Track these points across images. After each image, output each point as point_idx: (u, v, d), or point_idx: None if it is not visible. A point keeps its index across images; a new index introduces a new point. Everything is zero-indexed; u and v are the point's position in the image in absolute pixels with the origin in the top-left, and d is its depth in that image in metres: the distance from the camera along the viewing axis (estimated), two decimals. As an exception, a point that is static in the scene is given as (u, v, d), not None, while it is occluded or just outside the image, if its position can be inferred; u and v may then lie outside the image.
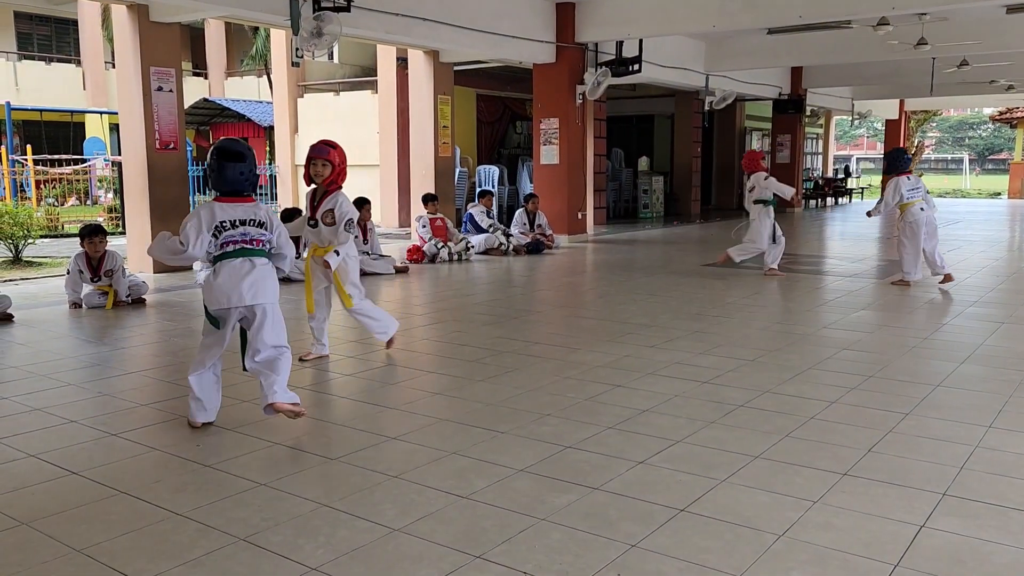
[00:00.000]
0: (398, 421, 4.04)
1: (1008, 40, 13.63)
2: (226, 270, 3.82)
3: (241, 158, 3.86)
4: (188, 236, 3.79)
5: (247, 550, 2.68)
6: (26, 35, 25.79)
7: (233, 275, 3.81)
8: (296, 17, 8.37)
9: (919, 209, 8.04)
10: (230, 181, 3.86)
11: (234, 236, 3.85)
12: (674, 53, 14.94)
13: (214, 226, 3.81)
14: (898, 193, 8.06)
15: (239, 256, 3.85)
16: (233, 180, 3.86)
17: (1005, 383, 4.63)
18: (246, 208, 3.90)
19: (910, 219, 8.09)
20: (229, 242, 3.84)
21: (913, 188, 8.08)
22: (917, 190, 8.09)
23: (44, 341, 5.88)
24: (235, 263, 3.84)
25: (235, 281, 3.79)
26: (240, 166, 3.85)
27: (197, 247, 3.80)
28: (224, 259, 3.84)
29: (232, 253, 3.84)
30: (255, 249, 3.89)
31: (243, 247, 3.86)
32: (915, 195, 8.05)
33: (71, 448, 3.64)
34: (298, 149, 18.04)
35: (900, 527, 2.82)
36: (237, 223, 3.85)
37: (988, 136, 57.54)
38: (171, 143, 9.32)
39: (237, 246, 3.84)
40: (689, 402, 4.29)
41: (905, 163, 8.26)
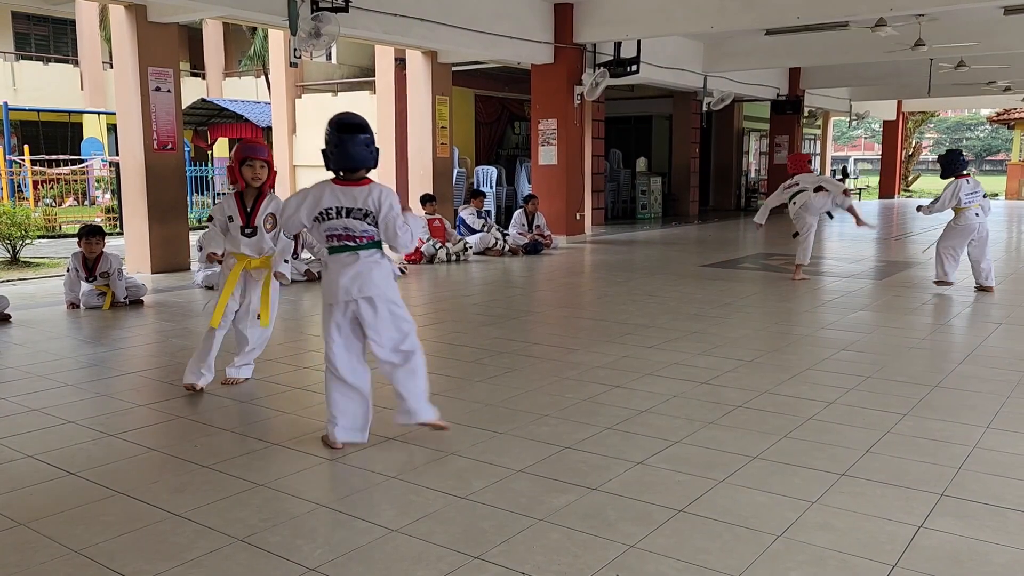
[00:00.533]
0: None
1: (1005, 41, 13.65)
2: (334, 263, 3.57)
3: (363, 129, 3.52)
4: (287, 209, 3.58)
5: (245, 550, 2.67)
6: (24, 35, 25.76)
7: (340, 270, 3.54)
8: (294, 17, 8.37)
9: (974, 215, 7.78)
10: (357, 158, 3.49)
11: (336, 229, 3.53)
12: (672, 54, 14.95)
13: (318, 212, 3.51)
14: (956, 197, 7.77)
15: (343, 251, 3.56)
16: (359, 156, 3.49)
17: (1003, 383, 4.64)
18: (355, 192, 3.52)
19: (962, 223, 7.82)
20: (332, 235, 3.55)
21: (972, 192, 7.78)
22: (976, 194, 7.79)
23: (42, 342, 5.87)
24: (342, 258, 3.56)
25: (347, 276, 3.52)
26: (363, 137, 3.50)
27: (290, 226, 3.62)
28: (331, 252, 3.58)
29: (337, 248, 3.57)
30: (357, 245, 3.56)
31: (345, 243, 3.55)
32: (973, 199, 7.78)
33: (69, 449, 3.64)
34: (296, 150, 18.04)
35: (898, 527, 2.82)
36: (343, 212, 3.50)
37: (986, 137, 57.64)
38: (169, 143, 9.31)
39: (340, 242, 3.55)
40: (688, 403, 4.29)
41: (962, 165, 7.91)
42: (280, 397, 4.45)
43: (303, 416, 4.11)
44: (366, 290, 3.52)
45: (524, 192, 15.01)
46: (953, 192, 7.78)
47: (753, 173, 22.67)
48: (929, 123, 39.27)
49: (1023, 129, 28.72)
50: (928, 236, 13.98)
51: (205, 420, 4.05)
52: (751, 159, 22.66)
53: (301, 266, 8.79)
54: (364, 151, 3.49)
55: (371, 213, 3.52)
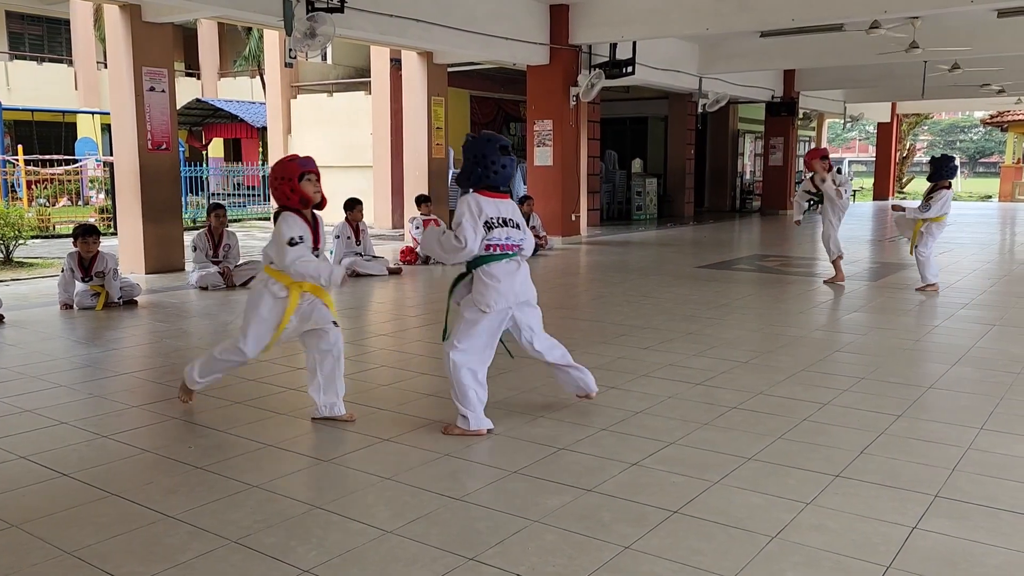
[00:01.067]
0: (391, 423, 4.03)
1: (999, 44, 13.69)
2: (500, 271, 3.76)
3: (509, 152, 3.82)
4: (466, 234, 3.69)
5: (239, 552, 2.67)
6: (18, 35, 25.70)
7: (507, 277, 3.77)
8: (289, 18, 8.35)
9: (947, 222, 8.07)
10: (505, 178, 3.81)
11: (500, 240, 3.77)
12: (667, 55, 14.97)
13: (483, 222, 3.73)
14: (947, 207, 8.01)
15: (502, 259, 3.78)
16: (508, 177, 3.82)
17: (996, 385, 4.65)
18: (506, 205, 3.83)
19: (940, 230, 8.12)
20: (495, 245, 3.76)
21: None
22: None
23: (35, 342, 5.85)
24: (504, 265, 3.78)
25: (516, 282, 3.80)
26: (510, 160, 3.81)
27: (476, 243, 3.72)
28: (491, 261, 3.76)
29: (497, 256, 3.76)
30: (515, 253, 3.83)
31: (505, 252, 3.79)
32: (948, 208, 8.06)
33: (62, 450, 3.62)
34: (291, 150, 18.01)
35: (892, 528, 2.82)
36: (500, 222, 3.77)
37: (979, 139, 57.83)
38: (163, 143, 9.29)
39: (502, 250, 3.77)
40: (682, 404, 4.29)
41: (952, 171, 8.06)
42: (274, 399, 4.44)
43: (297, 417, 4.10)
44: (529, 294, 3.90)
45: (520, 193, 15.01)
46: (945, 203, 8.01)
47: (748, 175, 22.71)
48: (923, 125, 39.36)
49: (1016, 132, 28.85)
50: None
51: (199, 421, 4.03)
52: (746, 161, 22.70)
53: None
54: (511, 173, 3.86)
55: (519, 224, 3.86)
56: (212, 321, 6.76)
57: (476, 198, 3.78)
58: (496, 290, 3.75)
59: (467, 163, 3.85)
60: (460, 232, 3.71)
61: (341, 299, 7.91)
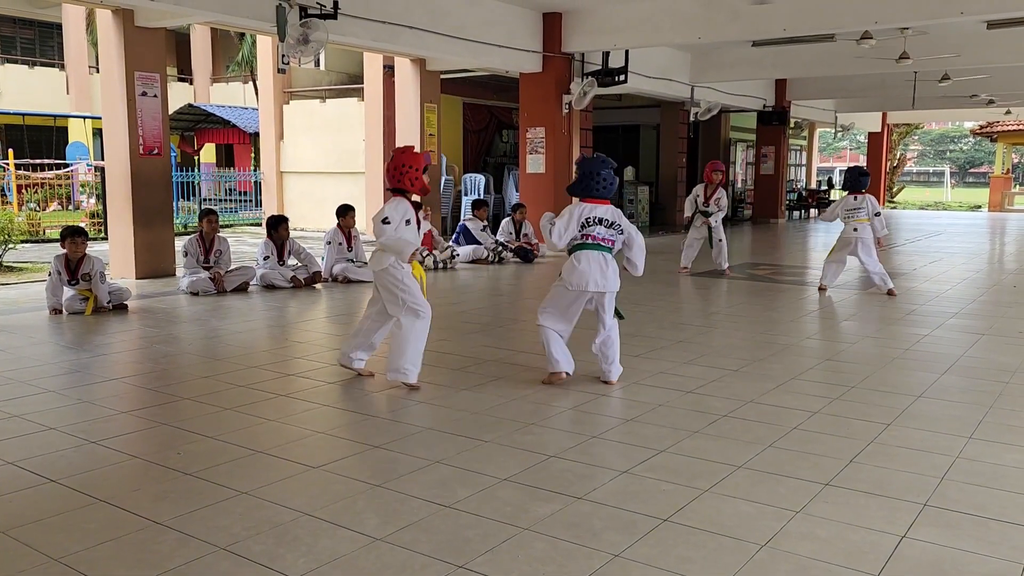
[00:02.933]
0: (381, 429, 4.02)
1: (989, 55, 13.80)
2: (586, 258, 4.66)
3: (616, 171, 4.78)
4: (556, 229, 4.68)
5: (228, 559, 2.65)
6: (9, 38, 25.61)
7: (593, 264, 4.65)
8: (283, 23, 8.35)
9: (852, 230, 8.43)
10: (610, 190, 4.74)
11: (595, 233, 4.68)
12: (660, 64, 15.02)
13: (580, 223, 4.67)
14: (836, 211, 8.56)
15: (596, 249, 4.68)
16: (612, 190, 4.75)
17: (985, 394, 4.67)
18: (606, 209, 4.74)
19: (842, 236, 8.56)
20: (590, 236, 4.68)
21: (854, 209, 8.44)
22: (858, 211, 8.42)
23: (24, 347, 5.82)
24: (593, 254, 4.67)
25: (595, 270, 4.64)
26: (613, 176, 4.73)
27: (562, 241, 4.69)
28: (584, 248, 4.67)
29: (591, 246, 4.67)
30: (608, 247, 4.71)
31: (599, 244, 4.68)
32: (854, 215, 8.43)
33: (50, 455, 3.60)
34: (284, 156, 17.98)
35: (881, 537, 2.83)
36: (597, 221, 4.68)
37: (969, 149, 58.20)
38: (155, 148, 9.26)
39: (594, 240, 4.67)
40: (673, 412, 4.29)
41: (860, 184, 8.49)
42: (264, 404, 4.42)
43: (287, 423, 4.09)
44: (610, 286, 4.71)
45: (512, 200, 15.02)
46: (837, 205, 8.62)
47: (740, 183, 22.78)
48: (914, 135, 39.61)
49: (1006, 142, 29.05)
50: (914, 247, 14.09)
51: (188, 427, 4.01)
52: (738, 169, 22.78)
53: (287, 273, 8.76)
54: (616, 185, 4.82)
55: (618, 225, 4.75)
56: (202, 326, 6.74)
57: (581, 205, 4.73)
58: (578, 271, 4.65)
59: (581, 176, 4.74)
60: (554, 228, 4.69)
61: (331, 306, 7.90)
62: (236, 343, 6.10)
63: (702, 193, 9.96)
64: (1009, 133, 28.15)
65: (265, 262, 8.77)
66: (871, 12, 10.49)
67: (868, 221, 8.38)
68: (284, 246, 8.87)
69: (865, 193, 8.47)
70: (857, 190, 8.45)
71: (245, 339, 6.27)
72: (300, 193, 17.80)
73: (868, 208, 8.42)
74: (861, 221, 8.38)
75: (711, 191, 9.91)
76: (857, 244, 8.40)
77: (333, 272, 9.17)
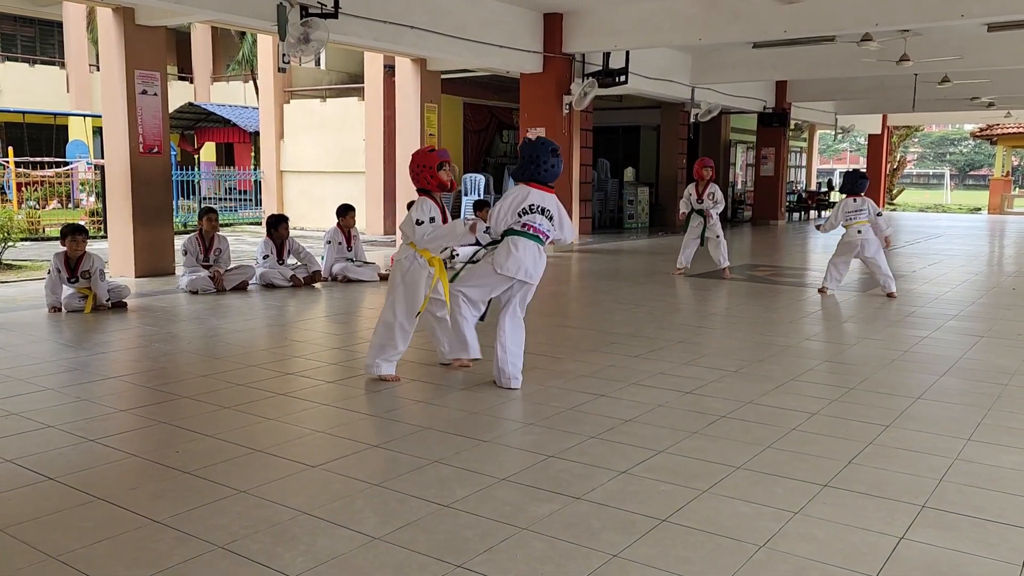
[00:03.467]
0: (380, 429, 4.02)
1: (989, 57, 13.80)
2: (523, 246, 4.63)
3: (559, 155, 4.70)
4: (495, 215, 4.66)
5: (226, 558, 2.65)
6: (10, 36, 25.60)
7: (528, 253, 4.63)
8: (283, 22, 8.35)
9: (856, 232, 8.39)
10: (554, 175, 4.67)
11: (535, 223, 4.64)
12: (660, 65, 15.03)
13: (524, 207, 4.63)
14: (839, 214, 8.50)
15: (533, 240, 4.65)
16: (556, 175, 4.68)
17: (984, 396, 4.67)
18: (549, 199, 4.70)
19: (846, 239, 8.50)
20: (530, 226, 4.64)
21: (855, 211, 8.41)
22: (859, 213, 8.40)
23: (22, 345, 5.82)
24: (530, 244, 4.64)
25: (529, 259, 4.63)
26: (559, 161, 4.68)
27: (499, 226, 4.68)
28: (520, 236, 4.63)
29: (529, 235, 4.63)
30: (541, 239, 4.68)
31: (535, 234, 4.65)
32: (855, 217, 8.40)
33: (48, 453, 3.60)
34: (284, 155, 17.98)
35: (880, 538, 2.83)
36: (540, 210, 4.65)
37: (969, 152, 58.24)
38: (155, 147, 9.26)
39: (533, 231, 4.64)
40: (672, 412, 4.29)
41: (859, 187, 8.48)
42: (262, 403, 4.42)
43: (285, 422, 4.09)
44: (536, 276, 4.69)
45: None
46: (836, 211, 8.58)
47: (740, 185, 22.79)
48: (914, 137, 39.62)
49: (1006, 145, 29.07)
50: (913, 249, 14.10)
51: (186, 426, 4.01)
52: (738, 171, 22.79)
53: (287, 272, 8.76)
54: (559, 172, 4.73)
55: (553, 216, 4.70)
56: (202, 325, 6.73)
57: (524, 190, 4.68)
58: (514, 257, 4.62)
59: (524, 160, 4.69)
60: (491, 212, 4.71)
61: (330, 305, 7.90)
62: (235, 342, 6.10)
63: (694, 191, 9.92)
64: (1009, 136, 28.16)
65: (265, 261, 8.77)
66: (871, 14, 10.49)
67: (870, 223, 8.39)
68: (284, 245, 8.87)
69: (864, 196, 8.49)
70: (856, 193, 8.47)
71: (244, 338, 6.27)
72: (300, 192, 17.80)
73: (869, 209, 8.43)
74: (863, 223, 8.37)
75: (702, 187, 9.89)
76: (863, 246, 8.36)
77: (333, 271, 9.16)
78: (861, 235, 8.36)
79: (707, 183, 9.88)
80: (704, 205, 9.84)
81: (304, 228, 16.34)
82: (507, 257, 4.63)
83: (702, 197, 9.86)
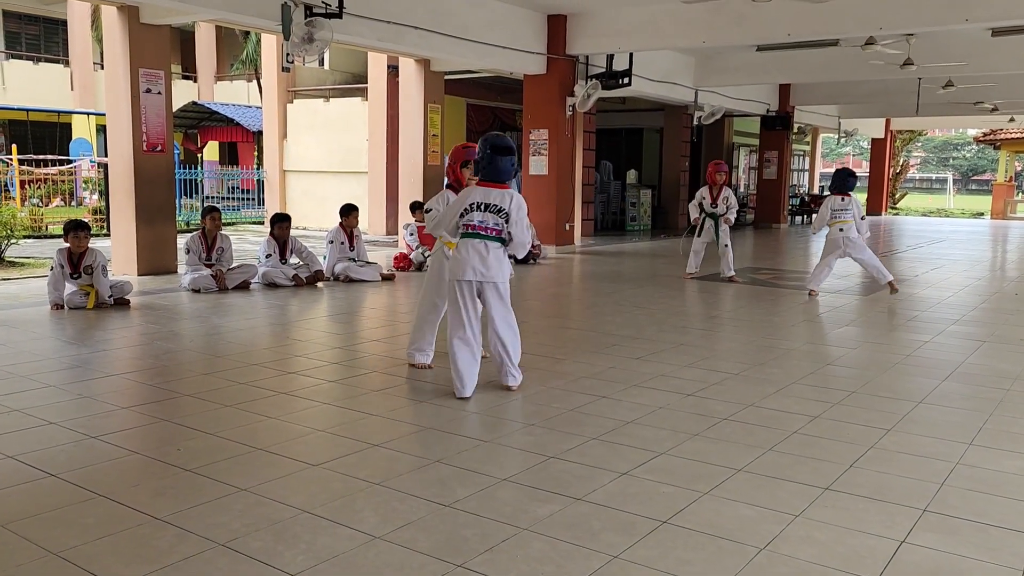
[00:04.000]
0: (381, 428, 4.02)
1: (993, 62, 13.80)
2: (465, 247, 4.46)
3: (511, 151, 4.46)
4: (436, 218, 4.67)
5: (226, 555, 2.65)
6: (14, 34, 25.64)
7: (472, 252, 4.43)
8: (287, 22, 8.36)
9: (838, 230, 8.44)
10: (502, 171, 4.44)
11: (473, 221, 4.42)
12: (664, 67, 15.04)
13: (464, 207, 4.45)
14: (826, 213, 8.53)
15: (476, 238, 4.44)
16: (506, 170, 4.45)
17: (986, 401, 4.67)
18: (498, 194, 4.44)
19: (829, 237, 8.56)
20: (469, 225, 4.44)
21: (840, 210, 8.42)
22: (845, 212, 8.41)
23: (25, 342, 5.82)
24: (473, 242, 4.44)
25: (473, 257, 4.42)
26: (512, 158, 4.47)
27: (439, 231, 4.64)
28: (464, 238, 4.48)
29: (469, 234, 4.44)
30: (489, 236, 4.44)
31: (479, 232, 4.42)
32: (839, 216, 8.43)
33: (50, 450, 3.60)
34: (287, 155, 17.99)
35: (881, 542, 2.83)
36: (483, 207, 4.41)
37: (972, 157, 58.18)
38: (158, 145, 9.27)
39: (473, 230, 4.43)
40: (673, 414, 4.29)
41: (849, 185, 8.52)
42: (264, 402, 4.42)
43: (286, 421, 4.09)
44: (495, 276, 4.46)
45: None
46: (824, 209, 8.56)
47: (742, 188, 22.79)
48: (917, 142, 39.60)
49: (1009, 150, 29.02)
50: (916, 253, 14.09)
51: (188, 424, 4.02)
52: (740, 173, 22.80)
53: (289, 271, 8.76)
54: (509, 168, 4.47)
55: (504, 211, 4.42)
56: (203, 324, 6.74)
57: (469, 190, 4.53)
58: (456, 259, 4.49)
59: (478, 157, 4.56)
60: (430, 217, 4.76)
61: (332, 305, 7.90)
62: (237, 340, 6.10)
63: (708, 195, 9.74)
64: (1012, 141, 28.13)
65: (267, 260, 8.78)
66: (876, 18, 10.49)
67: (853, 222, 8.37)
68: (286, 244, 8.88)
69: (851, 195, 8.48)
70: (845, 191, 8.46)
71: (246, 337, 6.28)
72: (303, 192, 17.81)
73: (855, 210, 8.43)
74: (846, 222, 8.37)
75: (716, 192, 9.71)
76: (846, 244, 8.40)
77: (335, 271, 9.17)
78: (843, 233, 8.38)
79: (721, 187, 9.68)
80: (718, 210, 9.66)
81: (307, 228, 16.35)
82: (452, 260, 4.58)
83: (716, 201, 9.66)
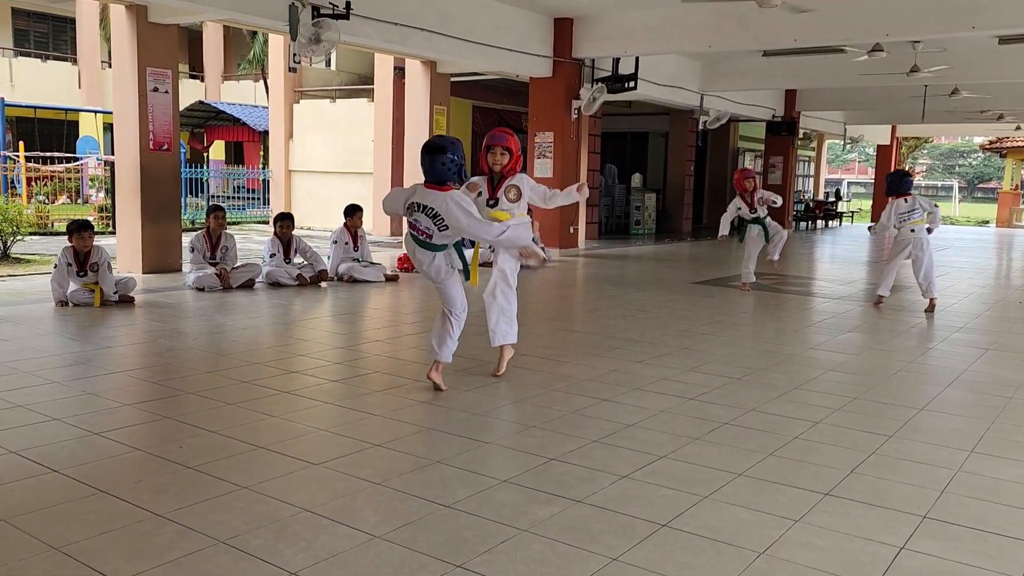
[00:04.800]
0: (383, 428, 4.03)
1: (1000, 70, 13.79)
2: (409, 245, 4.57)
3: (442, 150, 4.37)
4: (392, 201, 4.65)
5: (226, 553, 2.66)
6: (23, 31, 25.74)
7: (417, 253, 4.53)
8: (295, 23, 8.39)
9: (910, 231, 8.22)
10: (435, 172, 4.38)
11: (416, 220, 4.45)
12: (670, 71, 15.04)
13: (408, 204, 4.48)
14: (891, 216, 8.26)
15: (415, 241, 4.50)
16: (437, 171, 4.37)
17: (988, 408, 4.66)
18: (434, 196, 4.37)
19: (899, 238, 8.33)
20: (409, 223, 4.51)
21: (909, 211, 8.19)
22: (913, 212, 8.19)
23: (29, 338, 5.84)
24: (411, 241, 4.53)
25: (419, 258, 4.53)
26: (442, 157, 4.35)
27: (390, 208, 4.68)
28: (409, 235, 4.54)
29: (413, 236, 4.51)
30: (422, 240, 4.46)
31: (413, 234, 4.49)
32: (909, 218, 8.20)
33: (53, 446, 3.62)
34: (293, 155, 18.03)
35: (880, 548, 2.83)
36: (420, 208, 4.40)
37: (978, 164, 58.04)
38: (165, 144, 9.30)
39: (412, 229, 4.49)
40: (674, 418, 4.29)
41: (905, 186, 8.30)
42: (266, 400, 4.43)
43: (288, 420, 4.10)
44: (440, 276, 4.55)
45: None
46: (888, 213, 8.34)
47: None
48: (923, 149, 39.58)
49: (1015, 158, 28.96)
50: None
51: (190, 421, 4.03)
52: (745, 179, 22.76)
53: (293, 271, 8.78)
54: (441, 167, 4.36)
55: (440, 218, 4.35)
56: (207, 322, 6.76)
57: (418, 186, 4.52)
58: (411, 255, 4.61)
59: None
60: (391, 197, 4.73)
61: (336, 305, 7.91)
62: (240, 339, 6.12)
63: (743, 204, 9.40)
64: (1018, 149, 28.06)
65: (271, 260, 8.80)
66: (882, 25, 10.49)
67: (923, 222, 8.21)
68: (290, 244, 8.90)
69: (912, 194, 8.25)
70: (904, 193, 8.23)
71: (249, 335, 6.29)
72: (308, 192, 17.85)
73: (922, 207, 8.22)
74: (917, 222, 8.20)
75: (750, 198, 9.36)
76: (916, 245, 8.21)
77: (339, 271, 9.18)
78: (915, 234, 8.19)
79: (752, 193, 9.38)
80: (759, 214, 9.39)
81: (311, 228, 16.38)
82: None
83: (755, 207, 9.37)
